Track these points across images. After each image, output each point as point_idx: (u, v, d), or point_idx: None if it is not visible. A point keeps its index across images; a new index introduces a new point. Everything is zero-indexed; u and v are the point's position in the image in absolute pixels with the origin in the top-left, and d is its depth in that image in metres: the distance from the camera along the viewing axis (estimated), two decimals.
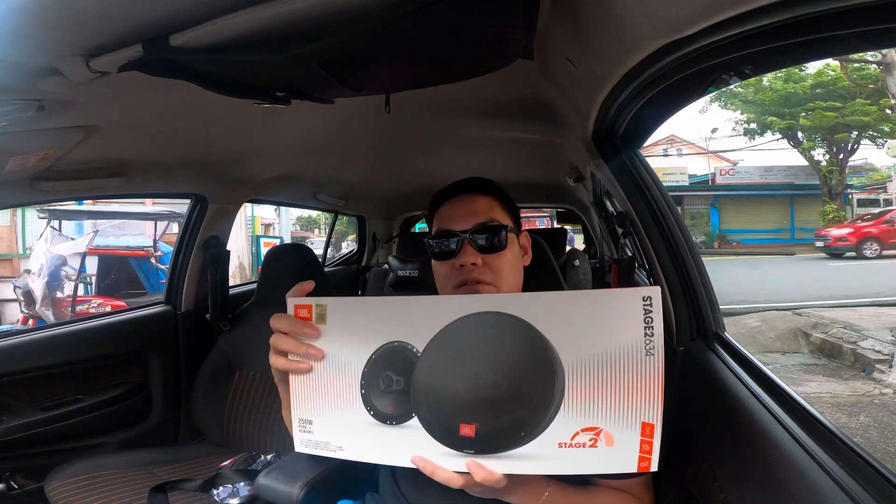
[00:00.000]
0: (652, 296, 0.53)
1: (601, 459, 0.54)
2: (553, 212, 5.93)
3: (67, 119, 0.93)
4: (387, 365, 0.60)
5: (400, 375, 0.59)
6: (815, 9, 0.42)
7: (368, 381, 0.60)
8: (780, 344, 4.87)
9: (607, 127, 0.98)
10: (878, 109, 13.10)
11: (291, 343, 0.62)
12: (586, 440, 0.54)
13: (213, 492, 1.20)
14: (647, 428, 0.53)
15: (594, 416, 0.54)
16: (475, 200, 0.81)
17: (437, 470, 0.56)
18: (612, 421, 0.53)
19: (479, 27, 0.64)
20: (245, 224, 10.05)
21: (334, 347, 0.62)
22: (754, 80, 13.53)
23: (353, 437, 0.61)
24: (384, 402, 0.60)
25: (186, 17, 0.61)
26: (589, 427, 0.54)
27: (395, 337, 0.60)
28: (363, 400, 0.61)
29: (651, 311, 0.53)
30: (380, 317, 0.61)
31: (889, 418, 3.19)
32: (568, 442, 0.54)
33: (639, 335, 0.53)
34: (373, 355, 0.60)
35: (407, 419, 0.59)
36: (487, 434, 0.56)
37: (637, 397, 0.53)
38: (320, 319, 0.63)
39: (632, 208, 1.02)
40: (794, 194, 16.77)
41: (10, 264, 7.93)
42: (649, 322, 0.53)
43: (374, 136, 1.58)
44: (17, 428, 1.33)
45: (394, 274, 1.91)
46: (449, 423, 0.57)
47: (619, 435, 0.53)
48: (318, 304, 0.63)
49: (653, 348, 0.53)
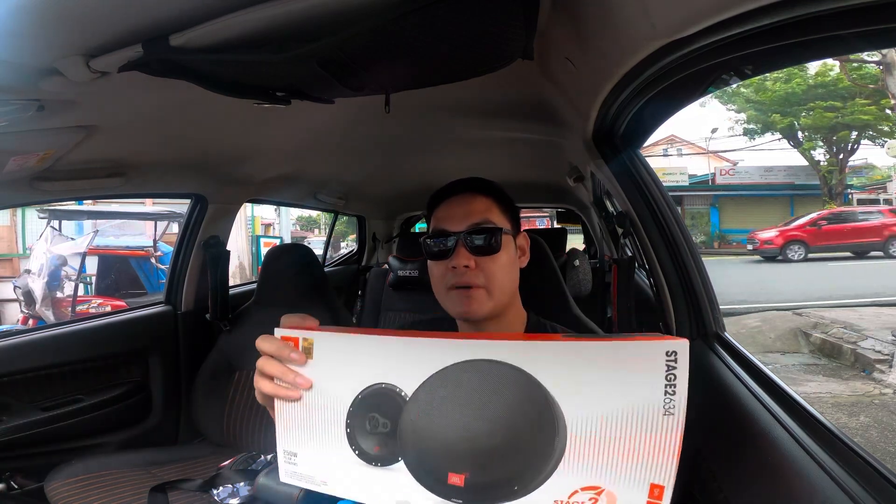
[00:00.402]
0: (677, 351, 0.47)
1: None
2: (553, 212, 5.93)
3: (67, 119, 0.93)
4: (373, 407, 0.57)
5: (386, 418, 0.56)
6: (815, 9, 0.42)
7: (354, 420, 0.58)
8: (780, 344, 4.87)
9: (607, 127, 0.98)
10: (878, 109, 13.11)
11: (278, 368, 0.60)
12: (585, 499, 0.49)
13: (213, 492, 1.20)
14: (655, 490, 0.48)
15: (597, 474, 0.49)
16: (472, 201, 0.80)
17: None
18: (617, 481, 0.49)
19: (479, 27, 0.64)
20: (245, 224, 10.05)
21: (320, 381, 0.59)
22: (755, 79, 13.54)
23: (338, 474, 0.59)
24: (370, 443, 0.57)
25: (186, 17, 0.61)
26: (590, 486, 0.49)
27: (382, 378, 0.57)
28: (348, 438, 0.58)
29: (675, 367, 0.47)
30: (368, 355, 0.58)
31: (889, 418, 3.19)
32: (565, 500, 0.50)
33: (657, 395, 0.47)
34: (359, 395, 0.57)
35: (393, 462, 0.56)
36: (477, 485, 0.52)
37: (648, 458, 0.48)
38: (307, 353, 0.60)
39: (632, 208, 1.02)
40: (794, 194, 16.77)
41: (10, 264, 7.93)
42: (672, 380, 0.47)
43: (374, 136, 1.58)
44: (17, 428, 1.33)
45: (394, 274, 1.91)
46: (437, 471, 0.54)
47: (623, 496, 0.48)
48: (304, 339, 0.60)
49: (673, 408, 0.47)
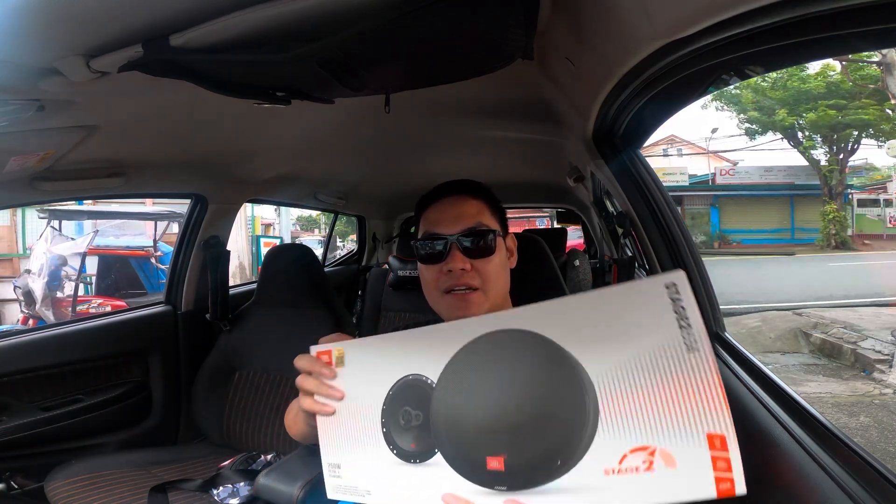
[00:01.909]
0: (676, 282, 0.45)
1: (663, 486, 0.44)
2: (553, 212, 5.93)
3: (67, 119, 0.93)
4: (404, 400, 0.58)
5: (418, 409, 0.56)
6: (815, 9, 0.42)
7: (388, 418, 0.59)
8: (780, 344, 4.87)
9: (607, 127, 0.98)
10: (879, 109, 13.11)
11: (314, 383, 0.63)
12: (639, 463, 0.45)
13: (213, 492, 1.20)
14: (715, 440, 0.44)
15: (643, 433, 0.46)
16: (464, 204, 0.79)
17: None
18: (668, 437, 0.45)
19: (479, 27, 0.64)
20: (245, 224, 10.04)
21: (354, 388, 0.62)
22: (773, 75, 13.52)
23: (380, 479, 0.59)
24: (406, 440, 0.57)
25: (186, 17, 0.61)
26: (639, 447, 0.46)
27: (409, 371, 0.58)
28: (385, 439, 0.59)
29: (680, 299, 0.44)
30: (393, 352, 0.59)
31: (889, 418, 3.19)
32: (616, 468, 0.46)
33: (673, 330, 0.45)
34: (390, 392, 0.59)
35: (430, 456, 0.55)
36: (518, 466, 0.50)
37: (692, 404, 0.45)
38: (339, 363, 0.63)
39: (632, 208, 1.02)
40: (794, 194, 16.76)
41: (10, 264, 7.93)
42: (681, 313, 0.44)
43: (374, 136, 1.58)
44: (17, 428, 1.33)
45: (394, 274, 1.91)
46: (474, 457, 0.52)
47: (680, 453, 0.44)
48: (336, 349, 0.63)
49: (695, 342, 0.44)
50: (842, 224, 15.00)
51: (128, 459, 1.35)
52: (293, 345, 1.62)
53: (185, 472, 1.33)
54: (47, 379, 1.43)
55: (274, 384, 1.52)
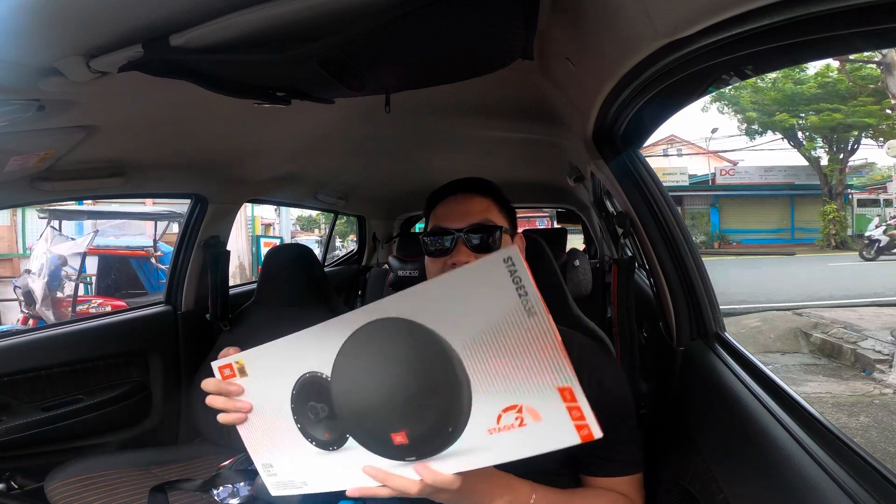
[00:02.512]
0: (511, 256, 0.50)
1: (537, 437, 0.51)
2: (553, 212, 5.93)
3: (67, 119, 0.93)
4: (308, 396, 0.62)
5: (322, 402, 0.61)
6: (815, 9, 0.42)
7: (299, 415, 0.63)
8: (780, 344, 4.87)
9: (607, 127, 0.98)
10: (880, 110, 13.11)
11: (221, 401, 0.66)
12: (512, 420, 0.52)
13: (213, 492, 1.20)
14: (565, 392, 0.50)
15: (509, 393, 0.52)
16: (472, 200, 0.81)
17: (388, 477, 0.56)
18: (527, 394, 0.51)
19: (479, 27, 0.64)
20: (245, 224, 10.05)
21: (261, 394, 0.65)
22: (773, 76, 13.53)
23: (310, 470, 0.63)
24: (320, 431, 0.62)
25: (186, 18, 0.61)
26: (509, 406, 0.52)
27: (306, 369, 0.62)
28: (302, 433, 0.63)
29: (516, 270, 0.50)
30: (288, 354, 0.63)
31: (889, 418, 3.19)
32: (496, 427, 0.53)
33: (513, 298, 0.50)
34: (293, 391, 0.63)
35: (345, 441, 0.60)
36: (419, 437, 0.56)
37: (539, 363, 0.50)
38: (242, 373, 0.66)
39: (632, 208, 1.02)
40: (794, 194, 16.77)
41: (10, 264, 7.93)
42: (518, 282, 0.50)
43: (374, 136, 1.58)
44: (17, 428, 1.33)
45: (394, 274, 1.91)
46: (380, 436, 0.57)
47: (541, 407, 0.51)
48: (236, 361, 0.66)
49: (532, 307, 0.50)
50: (842, 224, 15.02)
51: (128, 459, 1.36)
52: None
53: (185, 472, 1.33)
54: (47, 379, 1.43)
55: None
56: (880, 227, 11.34)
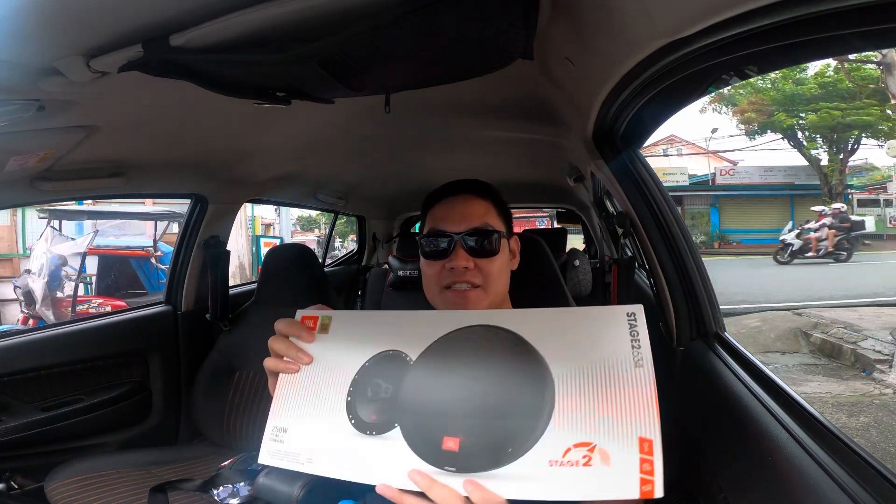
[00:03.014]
0: (636, 312, 0.54)
1: (598, 481, 0.49)
2: (553, 212, 5.93)
3: (68, 119, 0.93)
4: (378, 372, 0.60)
5: (389, 383, 0.59)
6: (815, 9, 0.42)
7: (357, 388, 0.61)
8: (780, 344, 4.87)
9: (607, 127, 0.98)
10: (880, 110, 13.11)
11: (284, 344, 0.64)
12: (579, 457, 0.50)
13: (213, 492, 1.20)
14: (644, 444, 0.49)
15: (587, 430, 0.51)
16: (471, 203, 0.81)
17: (433, 485, 0.51)
18: (607, 436, 0.50)
19: (479, 27, 0.64)
20: (245, 224, 10.04)
21: (331, 354, 0.63)
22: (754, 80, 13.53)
23: (327, 449, 0.60)
24: (368, 411, 0.59)
25: (186, 17, 0.61)
26: (582, 442, 0.51)
27: (391, 346, 0.61)
28: (347, 408, 0.60)
29: (636, 325, 0.54)
30: (379, 328, 0.63)
31: (889, 418, 3.19)
32: (559, 460, 0.50)
33: (626, 348, 0.53)
34: (367, 362, 0.61)
35: (388, 429, 0.57)
36: (473, 449, 0.53)
37: (631, 411, 0.51)
38: (323, 330, 0.65)
39: (632, 208, 1.02)
40: (794, 194, 16.75)
41: (10, 264, 7.93)
42: (635, 336, 0.53)
43: (374, 136, 1.58)
44: (17, 428, 1.33)
45: (394, 274, 1.90)
46: (432, 435, 0.55)
47: (615, 451, 0.50)
48: (323, 315, 0.66)
49: (641, 360, 0.52)
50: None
51: (128, 459, 1.35)
52: None
53: (185, 472, 1.33)
54: (47, 379, 1.43)
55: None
56: (793, 231, 11.52)
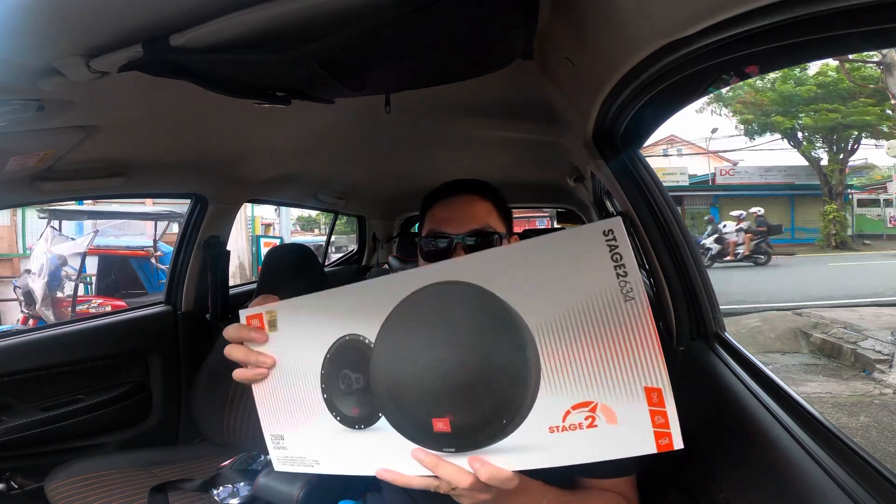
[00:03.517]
0: (613, 228, 0.43)
1: (606, 442, 0.44)
2: (553, 212, 5.92)
3: (67, 119, 0.93)
4: (343, 363, 0.54)
5: (358, 372, 0.53)
6: (815, 9, 0.42)
7: (328, 383, 0.55)
8: (780, 344, 4.87)
9: (607, 127, 0.98)
10: (880, 110, 13.11)
11: (241, 351, 0.60)
12: (581, 419, 0.45)
13: (213, 492, 1.20)
14: (652, 394, 0.43)
15: (584, 388, 0.45)
16: (473, 204, 0.79)
17: (440, 464, 0.48)
18: (608, 391, 0.44)
19: (479, 27, 0.64)
20: (245, 224, 10.04)
21: (289, 351, 0.57)
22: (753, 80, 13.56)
23: (326, 448, 0.56)
24: (348, 405, 0.54)
25: (186, 18, 0.61)
26: (581, 403, 0.45)
27: (346, 330, 0.54)
28: (327, 405, 0.55)
29: (617, 246, 0.43)
30: (329, 311, 0.55)
31: (889, 418, 3.19)
32: (560, 425, 0.45)
33: (610, 278, 0.43)
34: (327, 354, 0.55)
35: (375, 420, 0.53)
36: (465, 426, 0.48)
37: (629, 356, 0.43)
38: (272, 326, 0.59)
39: (632, 208, 1.02)
40: (794, 194, 16.75)
41: (10, 264, 7.92)
42: (618, 259, 0.43)
43: (374, 136, 1.58)
44: (17, 428, 1.33)
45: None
46: (419, 420, 0.50)
47: (620, 408, 0.44)
48: (267, 311, 0.59)
49: (631, 291, 0.43)
50: (842, 224, 15.00)
51: (128, 459, 1.35)
52: None
53: (185, 472, 1.33)
54: (47, 379, 1.43)
55: None
56: (712, 236, 11.61)
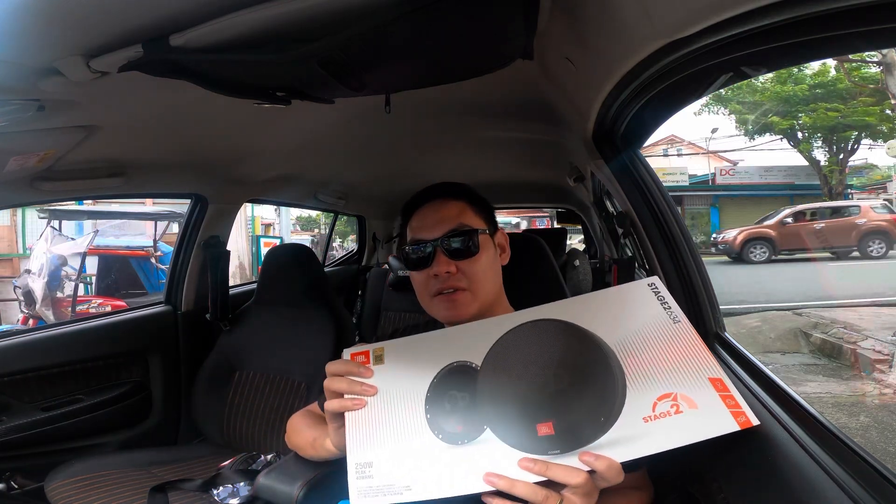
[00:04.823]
0: (655, 283, 0.62)
1: (694, 424, 0.52)
2: (553, 212, 5.93)
3: (68, 119, 0.93)
4: (450, 385, 0.62)
5: (464, 392, 0.61)
6: (815, 9, 0.42)
7: (433, 404, 0.62)
8: (780, 344, 4.87)
9: (607, 127, 0.98)
10: (880, 110, 13.10)
11: (345, 383, 0.64)
12: (668, 408, 0.54)
13: (213, 492, 1.20)
14: (717, 383, 0.53)
15: (664, 383, 0.55)
16: (444, 206, 0.79)
17: (550, 468, 0.52)
18: (682, 384, 0.54)
19: (479, 27, 0.64)
20: (245, 224, 10.04)
21: (393, 382, 0.64)
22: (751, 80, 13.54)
23: (423, 469, 0.58)
24: (452, 423, 0.60)
25: (186, 17, 0.61)
26: (664, 394, 0.54)
27: (453, 359, 0.63)
28: (430, 425, 0.61)
29: (660, 292, 0.61)
30: (435, 347, 0.65)
31: (889, 418, 3.19)
32: (652, 414, 0.54)
33: (660, 311, 0.60)
34: (434, 379, 0.63)
35: (479, 434, 0.58)
36: (567, 428, 0.54)
37: (689, 358, 0.55)
38: (378, 361, 0.66)
39: (632, 208, 1.02)
40: (794, 194, 16.74)
41: (10, 264, 7.92)
42: (663, 300, 0.61)
43: (374, 136, 1.58)
44: (17, 428, 1.33)
45: (394, 274, 1.91)
46: (525, 427, 0.56)
47: (696, 395, 0.53)
48: (375, 348, 0.67)
49: (677, 317, 0.59)
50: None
51: (128, 459, 1.35)
52: (293, 345, 1.61)
53: (185, 472, 1.33)
54: (47, 379, 1.43)
55: (274, 384, 1.52)
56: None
